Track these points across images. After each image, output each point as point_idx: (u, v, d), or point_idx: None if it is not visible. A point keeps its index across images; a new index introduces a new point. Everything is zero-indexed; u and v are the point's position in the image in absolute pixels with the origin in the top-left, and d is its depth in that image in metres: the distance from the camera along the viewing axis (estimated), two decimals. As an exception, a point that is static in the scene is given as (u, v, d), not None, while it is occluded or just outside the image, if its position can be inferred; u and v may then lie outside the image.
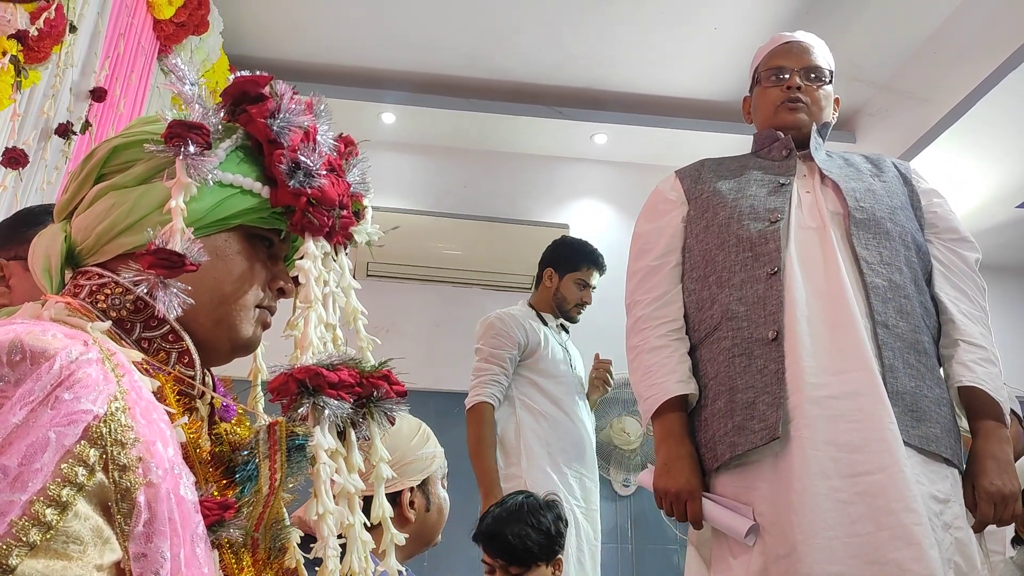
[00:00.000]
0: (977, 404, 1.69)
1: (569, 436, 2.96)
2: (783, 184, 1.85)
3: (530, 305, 3.20)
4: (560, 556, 2.25)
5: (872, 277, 1.71)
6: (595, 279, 3.19)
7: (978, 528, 1.63)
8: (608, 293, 3.11)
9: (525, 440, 2.91)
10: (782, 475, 1.57)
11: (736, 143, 4.29)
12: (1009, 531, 3.02)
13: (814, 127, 1.93)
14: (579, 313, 3.18)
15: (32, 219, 1.54)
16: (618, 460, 4.24)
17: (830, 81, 1.98)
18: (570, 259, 3.20)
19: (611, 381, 3.19)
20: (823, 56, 1.99)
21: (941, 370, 1.76)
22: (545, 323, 3.13)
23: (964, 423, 1.73)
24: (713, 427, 1.71)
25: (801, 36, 2.02)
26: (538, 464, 2.86)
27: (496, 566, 2.22)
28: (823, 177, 1.87)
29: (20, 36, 2.18)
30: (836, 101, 2.02)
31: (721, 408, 1.70)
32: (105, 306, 0.82)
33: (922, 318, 1.73)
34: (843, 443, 1.54)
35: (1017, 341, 4.68)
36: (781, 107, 1.94)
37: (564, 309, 3.16)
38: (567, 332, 3.24)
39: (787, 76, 1.94)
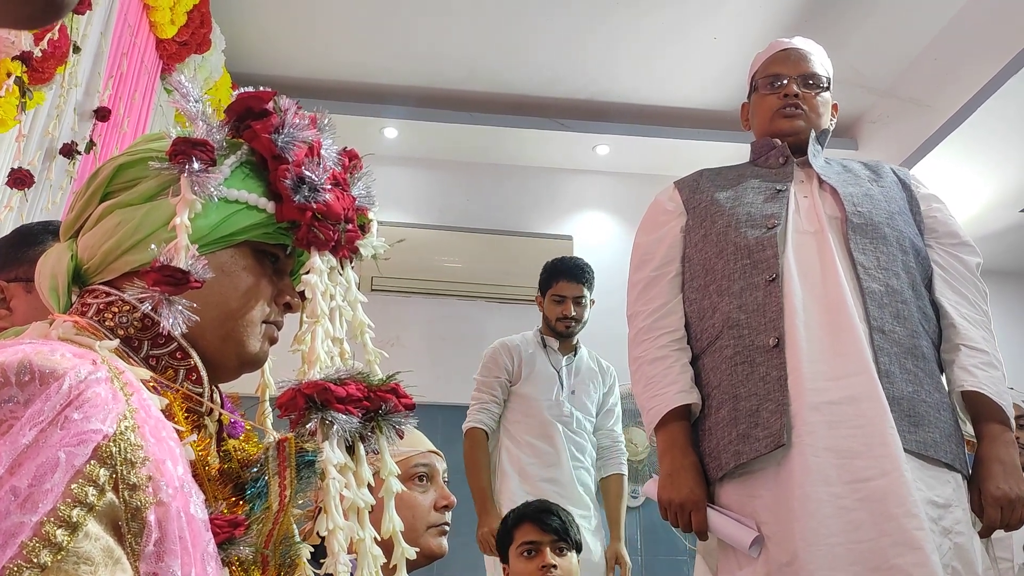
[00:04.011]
0: (980, 408, 1.68)
1: (548, 468, 2.98)
2: (780, 190, 1.85)
3: (539, 331, 3.23)
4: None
5: (869, 282, 1.71)
6: (572, 290, 3.13)
7: (985, 533, 1.62)
8: (611, 305, 3.10)
9: (502, 466, 3.00)
10: (784, 483, 1.57)
11: (738, 152, 4.28)
12: (1019, 537, 3.00)
13: (812, 134, 1.93)
14: (567, 328, 3.12)
15: (31, 238, 1.52)
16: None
17: (828, 87, 1.98)
18: (543, 278, 3.21)
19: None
20: (821, 63, 1.98)
21: (943, 375, 1.75)
22: (545, 345, 3.16)
23: (968, 428, 1.72)
24: (717, 436, 1.70)
25: (799, 43, 2.02)
26: (508, 487, 2.92)
27: (544, 542, 2.23)
28: (821, 182, 1.86)
29: (24, 57, 2.20)
30: (834, 107, 2.01)
31: (725, 417, 1.69)
32: (113, 324, 0.82)
33: (920, 323, 1.72)
34: (844, 449, 1.54)
35: (1022, 346, 4.66)
36: (778, 114, 1.93)
37: (551, 327, 3.15)
38: (575, 353, 3.20)
39: (784, 83, 1.94)
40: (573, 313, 3.11)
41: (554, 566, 2.19)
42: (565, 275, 3.14)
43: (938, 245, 1.86)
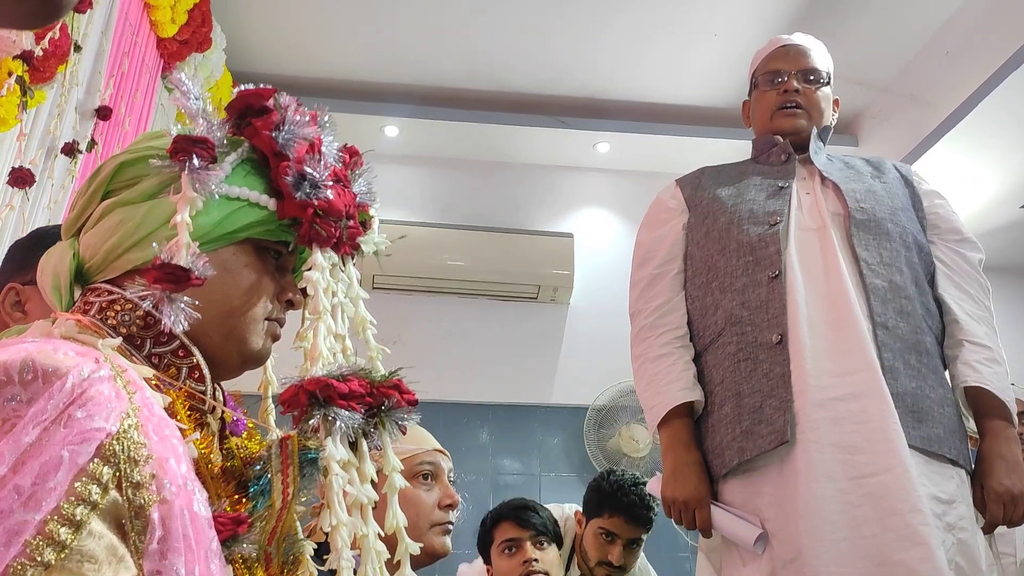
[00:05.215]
0: (983, 404, 1.68)
1: None
2: (782, 187, 1.85)
3: (570, 551, 2.58)
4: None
5: (872, 278, 1.71)
6: (628, 532, 2.42)
7: (988, 529, 1.63)
8: (612, 303, 3.09)
9: None
10: (788, 479, 1.57)
11: (738, 149, 4.29)
12: (1021, 532, 2.99)
13: (814, 130, 1.92)
14: (608, 575, 2.43)
15: (48, 241, 1.52)
16: (627, 468, 4.22)
17: (828, 83, 1.97)
18: (593, 499, 2.49)
19: None
20: (821, 58, 1.98)
21: (946, 371, 1.75)
22: (567, 569, 2.55)
23: (971, 424, 1.72)
24: (720, 433, 1.70)
25: (799, 38, 2.01)
26: None
27: (524, 538, 2.23)
28: (823, 179, 1.86)
29: (25, 56, 2.19)
30: (835, 103, 2.01)
31: (728, 414, 1.69)
32: (115, 323, 0.82)
33: (924, 319, 1.72)
34: (849, 445, 1.54)
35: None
36: (778, 111, 1.93)
37: (588, 566, 2.48)
38: None
39: (784, 79, 1.94)
40: (622, 562, 2.42)
41: (536, 559, 2.19)
42: (625, 512, 2.41)
43: (940, 241, 1.86)
